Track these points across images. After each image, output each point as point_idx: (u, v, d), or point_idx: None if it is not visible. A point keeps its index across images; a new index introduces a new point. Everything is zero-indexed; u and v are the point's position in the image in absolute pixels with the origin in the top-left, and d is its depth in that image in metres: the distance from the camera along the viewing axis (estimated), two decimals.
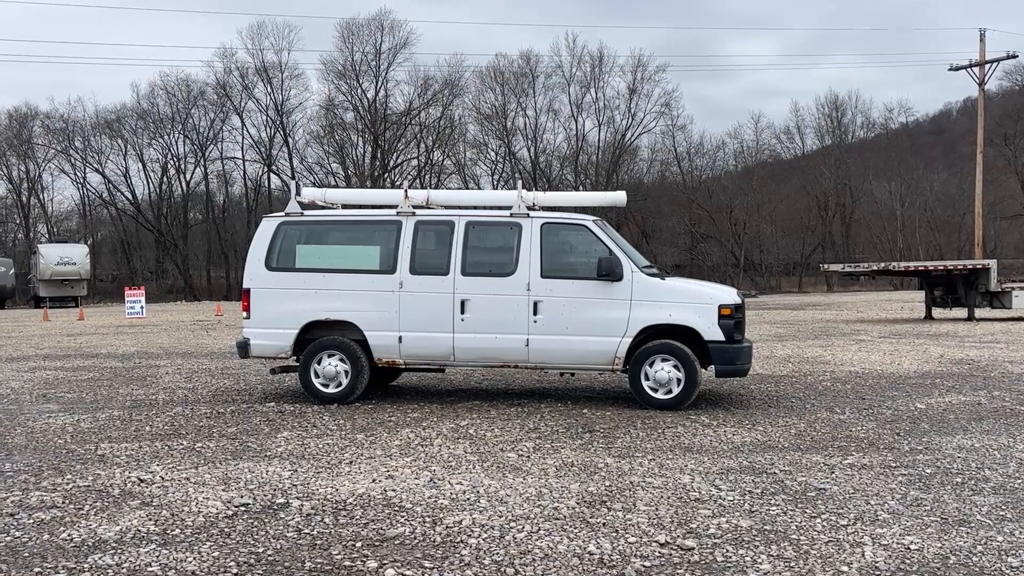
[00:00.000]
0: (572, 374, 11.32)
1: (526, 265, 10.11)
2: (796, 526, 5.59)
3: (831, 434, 8.53)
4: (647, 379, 9.88)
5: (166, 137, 69.75)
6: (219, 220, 71.42)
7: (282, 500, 6.23)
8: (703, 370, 10.13)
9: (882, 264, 32.83)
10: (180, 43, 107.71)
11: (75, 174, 70.01)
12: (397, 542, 5.33)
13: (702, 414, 9.62)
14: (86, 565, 4.93)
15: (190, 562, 4.98)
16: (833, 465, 7.22)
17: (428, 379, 12.61)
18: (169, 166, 70.36)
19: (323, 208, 11.59)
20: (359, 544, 5.29)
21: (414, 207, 10.77)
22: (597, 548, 5.17)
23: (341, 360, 10.42)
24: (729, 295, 10.11)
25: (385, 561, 5.00)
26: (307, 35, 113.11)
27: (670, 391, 9.84)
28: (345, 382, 10.42)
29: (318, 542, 5.33)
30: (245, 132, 70.21)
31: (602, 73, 71.89)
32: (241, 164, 71.74)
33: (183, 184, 70.52)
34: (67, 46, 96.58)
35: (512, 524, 5.64)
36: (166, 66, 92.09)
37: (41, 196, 70.76)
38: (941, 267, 26.41)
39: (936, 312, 26.97)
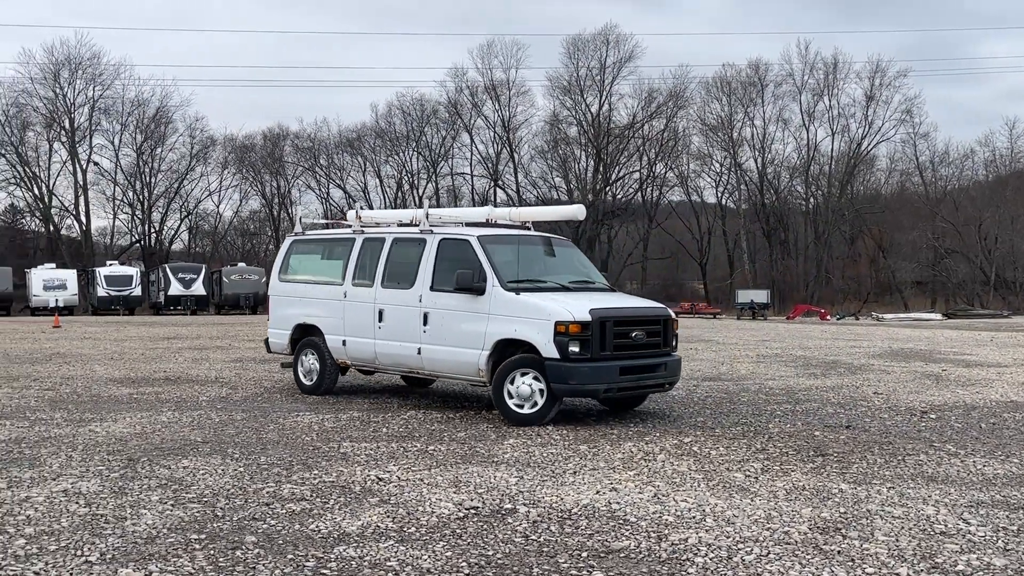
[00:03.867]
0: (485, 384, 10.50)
1: (422, 278, 10.78)
2: None
3: None
4: (511, 396, 9.81)
5: (401, 154, 73.79)
6: None
7: (509, 505, 6.39)
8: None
9: None
10: (416, 64, 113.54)
11: (319, 189, 75.47)
12: (622, 555, 5.34)
13: (947, 442, 8.97)
14: (332, 556, 5.27)
15: (425, 560, 5.21)
16: None
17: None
18: (403, 181, 74.29)
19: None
20: (584, 554, 5.33)
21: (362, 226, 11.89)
22: None
23: (314, 358, 12.02)
24: (575, 311, 9.54)
25: (611, 573, 5.01)
26: (534, 52, 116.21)
27: (535, 404, 9.71)
28: (316, 377, 12.02)
29: (545, 549, 5.43)
30: (473, 148, 73.00)
31: (836, 80, 69.08)
32: (469, 180, 74.57)
33: (416, 199, 74.12)
34: (315, 71, 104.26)
35: (740, 545, 5.50)
36: (402, 87, 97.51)
37: (290, 210, 76.64)
38: None
39: None
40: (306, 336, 12.18)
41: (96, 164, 68.49)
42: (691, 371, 15.80)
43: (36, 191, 67.27)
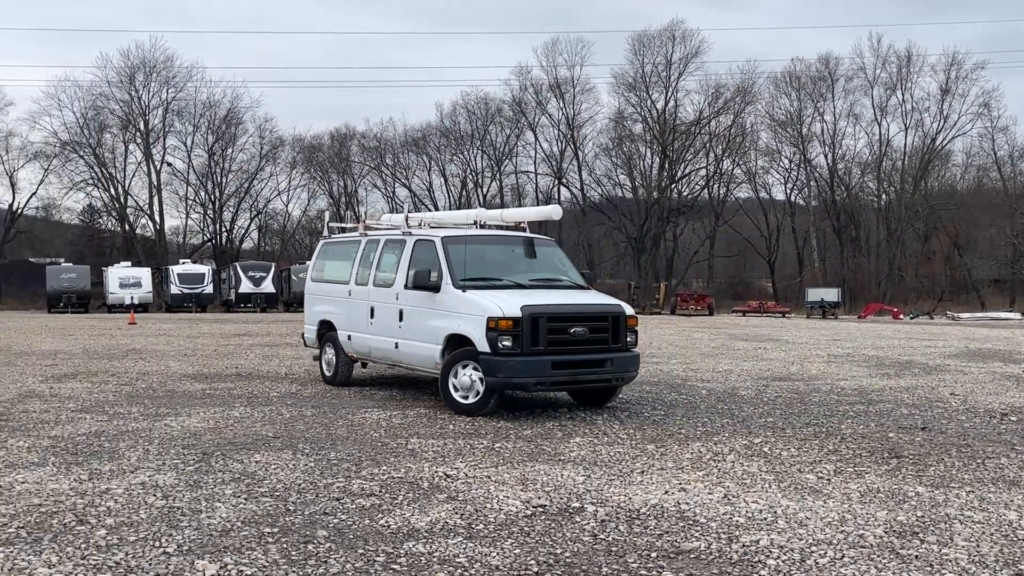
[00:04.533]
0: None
1: (400, 278, 11.42)
2: None
3: None
4: (455, 387, 10.25)
5: (466, 153, 74.02)
6: None
7: (577, 504, 6.37)
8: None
9: None
10: (480, 63, 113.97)
11: (385, 189, 76.11)
12: (692, 556, 5.28)
13: None
14: (402, 551, 5.31)
15: (494, 556, 5.22)
16: None
17: (717, 391, 12.37)
18: (468, 180, 74.52)
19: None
20: (654, 555, 5.29)
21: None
22: None
23: (332, 351, 12.95)
24: (507, 308, 9.89)
25: (681, 574, 4.96)
26: (599, 49, 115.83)
27: (476, 395, 10.12)
28: (334, 368, 12.91)
29: (613, 548, 5.40)
30: (538, 146, 72.90)
31: (910, 74, 67.24)
32: (533, 178, 74.52)
33: (480, 197, 74.36)
34: (381, 71, 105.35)
35: (813, 548, 5.39)
36: (467, 86, 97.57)
37: (356, 209, 77.50)
38: None
39: None
40: (328, 331, 13.14)
41: (169, 165, 70.15)
42: (761, 371, 15.57)
43: (112, 191, 69.18)
